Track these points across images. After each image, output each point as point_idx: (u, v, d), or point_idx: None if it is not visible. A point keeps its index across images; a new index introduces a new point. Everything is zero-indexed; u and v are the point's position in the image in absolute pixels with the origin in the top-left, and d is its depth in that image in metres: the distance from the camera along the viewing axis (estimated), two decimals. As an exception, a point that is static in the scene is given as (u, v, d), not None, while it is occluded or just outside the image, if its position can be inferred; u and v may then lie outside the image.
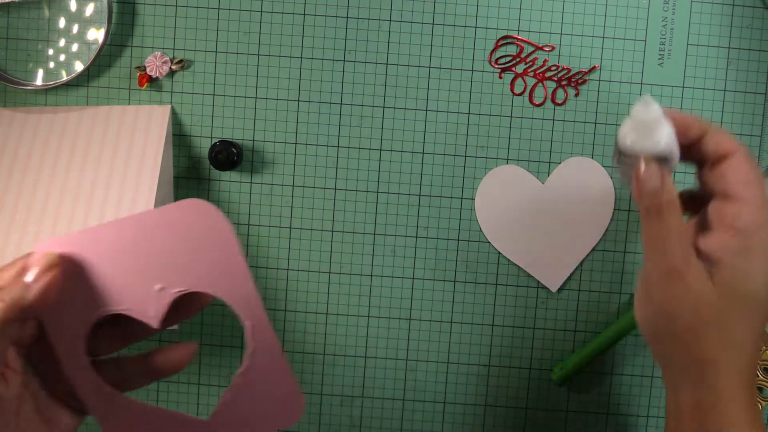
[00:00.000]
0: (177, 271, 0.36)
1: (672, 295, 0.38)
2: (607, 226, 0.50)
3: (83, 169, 0.50)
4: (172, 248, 0.36)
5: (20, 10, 0.52)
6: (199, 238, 0.36)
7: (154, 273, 0.36)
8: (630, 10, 0.52)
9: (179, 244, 0.36)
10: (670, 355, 0.40)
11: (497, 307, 0.54)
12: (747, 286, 0.37)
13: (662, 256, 0.38)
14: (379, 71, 0.53)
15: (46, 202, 0.50)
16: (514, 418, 0.54)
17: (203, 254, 0.36)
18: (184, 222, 0.36)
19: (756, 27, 0.52)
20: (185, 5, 0.52)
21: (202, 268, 0.36)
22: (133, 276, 0.36)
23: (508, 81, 0.53)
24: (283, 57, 0.53)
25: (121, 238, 0.35)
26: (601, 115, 0.53)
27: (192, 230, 0.36)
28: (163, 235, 0.36)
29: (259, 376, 0.38)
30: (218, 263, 0.36)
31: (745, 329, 0.38)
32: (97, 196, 0.50)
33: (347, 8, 0.52)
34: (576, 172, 0.49)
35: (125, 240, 0.35)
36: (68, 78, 0.52)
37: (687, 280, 0.37)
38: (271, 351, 0.37)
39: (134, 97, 0.53)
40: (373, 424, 0.54)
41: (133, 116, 0.52)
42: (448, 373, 0.54)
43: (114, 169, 0.50)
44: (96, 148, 0.51)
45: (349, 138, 0.53)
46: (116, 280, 0.35)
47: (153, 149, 0.50)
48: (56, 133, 0.52)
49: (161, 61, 0.52)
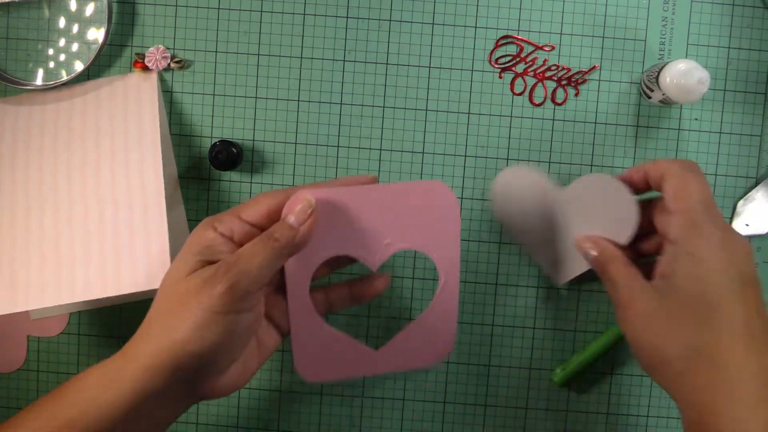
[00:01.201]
0: (404, 232, 0.46)
1: (632, 326, 0.42)
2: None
3: (85, 146, 0.50)
4: (406, 214, 0.46)
5: (20, 10, 0.52)
6: (430, 210, 0.46)
7: (385, 230, 0.46)
8: (630, 10, 0.52)
9: (412, 212, 0.46)
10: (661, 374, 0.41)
11: (497, 307, 0.54)
12: (692, 288, 0.40)
13: (616, 301, 0.43)
14: (379, 71, 0.53)
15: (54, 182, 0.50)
16: (514, 418, 0.54)
17: (430, 223, 0.46)
18: (421, 196, 0.46)
19: (756, 27, 0.52)
20: (185, 5, 0.52)
21: (426, 234, 0.47)
22: (370, 230, 0.46)
23: (508, 81, 0.53)
24: (283, 57, 0.53)
25: (367, 199, 0.45)
26: (601, 115, 0.53)
27: (426, 203, 0.46)
28: (401, 203, 0.46)
29: (434, 322, 0.49)
30: (439, 232, 0.47)
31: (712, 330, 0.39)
32: (105, 168, 0.50)
33: (347, 8, 0.52)
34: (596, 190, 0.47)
35: (369, 201, 0.45)
36: (68, 78, 0.52)
37: (637, 306, 0.41)
38: (449, 306, 0.49)
39: (134, 97, 0.53)
40: (373, 424, 0.54)
41: (122, 85, 0.52)
42: (448, 373, 0.54)
43: (115, 139, 0.50)
44: (92, 122, 0.51)
45: (349, 138, 0.53)
46: (354, 231, 0.45)
47: (148, 112, 0.50)
48: (50, 119, 0.51)
49: (161, 55, 0.52)
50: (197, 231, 0.42)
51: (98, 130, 0.50)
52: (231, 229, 0.42)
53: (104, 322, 0.54)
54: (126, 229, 0.49)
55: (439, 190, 0.46)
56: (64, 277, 0.48)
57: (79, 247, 0.49)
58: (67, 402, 0.39)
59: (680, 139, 0.53)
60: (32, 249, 0.49)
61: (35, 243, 0.49)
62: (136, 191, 0.49)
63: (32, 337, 0.54)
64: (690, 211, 0.41)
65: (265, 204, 0.43)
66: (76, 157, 0.50)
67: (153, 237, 0.48)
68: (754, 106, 0.53)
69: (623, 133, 0.53)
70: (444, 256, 0.47)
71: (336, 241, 0.46)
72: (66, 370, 0.54)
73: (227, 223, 0.42)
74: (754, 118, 0.53)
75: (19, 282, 0.48)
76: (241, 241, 0.42)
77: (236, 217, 0.43)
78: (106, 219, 0.49)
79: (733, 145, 0.53)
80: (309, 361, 0.48)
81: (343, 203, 0.45)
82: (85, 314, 0.54)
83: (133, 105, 0.51)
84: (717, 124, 0.53)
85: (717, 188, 0.53)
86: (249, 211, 0.43)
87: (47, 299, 0.48)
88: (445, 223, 0.47)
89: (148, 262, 0.48)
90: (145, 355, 0.39)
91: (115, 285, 0.47)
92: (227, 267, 0.40)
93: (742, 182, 0.53)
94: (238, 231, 0.42)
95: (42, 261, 0.49)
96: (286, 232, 0.42)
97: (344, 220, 0.45)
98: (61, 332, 0.54)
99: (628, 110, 0.53)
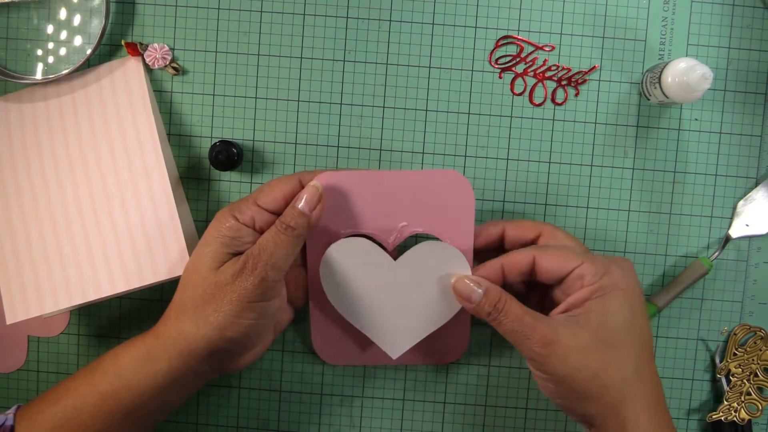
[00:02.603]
0: (420, 217, 0.48)
1: (556, 359, 0.42)
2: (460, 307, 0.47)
3: (80, 139, 0.50)
4: (422, 200, 0.48)
5: (20, 5, 0.52)
6: (447, 198, 0.48)
7: (402, 214, 0.48)
8: (630, 10, 0.52)
9: (429, 199, 0.47)
10: (584, 411, 0.43)
11: (497, 307, 0.54)
12: (608, 321, 0.43)
13: (530, 337, 0.42)
14: (379, 71, 0.53)
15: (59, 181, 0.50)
16: (514, 418, 0.54)
17: (445, 211, 0.48)
18: (438, 184, 0.47)
19: (756, 27, 0.52)
20: (185, 5, 0.52)
21: (441, 222, 0.48)
22: (386, 212, 0.48)
23: (508, 81, 0.53)
24: (283, 57, 0.53)
25: (385, 183, 0.47)
26: (601, 115, 0.53)
27: (443, 192, 0.47)
28: (419, 190, 0.47)
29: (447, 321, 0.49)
30: (455, 222, 0.48)
31: (628, 362, 0.43)
32: (105, 157, 0.50)
33: (347, 8, 0.52)
34: (428, 256, 0.47)
35: (387, 184, 0.47)
36: (67, 72, 0.52)
37: (561, 339, 0.42)
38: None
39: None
40: (373, 424, 0.54)
41: (108, 74, 0.51)
42: (449, 372, 0.54)
43: (109, 126, 0.50)
44: (84, 114, 0.51)
45: (349, 138, 0.53)
46: (372, 212, 0.48)
47: (138, 97, 0.50)
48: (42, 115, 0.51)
49: (162, 54, 0.52)
50: (219, 221, 0.45)
51: (91, 123, 0.51)
52: (252, 217, 0.45)
53: (104, 322, 0.54)
54: (137, 219, 0.49)
55: (456, 180, 0.47)
56: (86, 275, 0.49)
57: (95, 244, 0.49)
58: (104, 378, 0.44)
59: (680, 139, 0.53)
60: (50, 250, 0.49)
61: (52, 245, 0.49)
62: (141, 179, 0.49)
63: (32, 337, 0.54)
64: (597, 258, 0.45)
65: (280, 190, 0.45)
66: (75, 154, 0.50)
67: (165, 225, 0.49)
68: (754, 106, 0.53)
69: (623, 133, 0.53)
70: (458, 247, 0.47)
71: (354, 221, 0.48)
72: (66, 370, 0.54)
73: (247, 212, 0.45)
74: (754, 118, 0.53)
75: (42, 285, 0.49)
76: (261, 228, 0.45)
77: (254, 205, 0.45)
78: (115, 213, 0.49)
79: (733, 145, 0.53)
80: (325, 343, 0.51)
81: (362, 185, 0.47)
82: (85, 314, 0.54)
83: (122, 92, 0.51)
84: (717, 124, 0.53)
85: (717, 188, 0.53)
86: (266, 199, 0.45)
87: (75, 298, 0.49)
88: (460, 214, 0.48)
89: (165, 252, 0.49)
90: (182, 339, 0.44)
91: (138, 277, 0.49)
92: (254, 261, 0.43)
93: (742, 182, 0.53)
94: (258, 219, 0.45)
95: (61, 260, 0.49)
96: (301, 220, 0.44)
97: (362, 201, 0.47)
98: (61, 332, 0.54)
99: (628, 110, 0.53)
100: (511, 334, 0.43)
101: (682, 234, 0.53)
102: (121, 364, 0.44)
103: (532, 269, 0.45)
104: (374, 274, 0.47)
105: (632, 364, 0.43)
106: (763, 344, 0.53)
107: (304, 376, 0.54)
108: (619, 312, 0.43)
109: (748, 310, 0.53)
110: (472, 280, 0.45)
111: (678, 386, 0.54)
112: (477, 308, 0.45)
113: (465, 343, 0.52)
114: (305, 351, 0.54)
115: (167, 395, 0.45)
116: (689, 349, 0.54)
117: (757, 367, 0.53)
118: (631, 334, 0.43)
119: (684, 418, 0.54)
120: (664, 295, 0.52)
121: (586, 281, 0.44)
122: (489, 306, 0.44)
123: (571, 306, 0.44)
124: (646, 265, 0.53)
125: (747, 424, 0.52)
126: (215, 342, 0.44)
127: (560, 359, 0.42)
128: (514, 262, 0.45)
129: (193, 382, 0.46)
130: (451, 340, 0.51)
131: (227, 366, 0.47)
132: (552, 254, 0.45)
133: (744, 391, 0.52)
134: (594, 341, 0.42)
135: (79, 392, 0.44)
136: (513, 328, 0.43)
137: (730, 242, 0.53)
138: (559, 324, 0.43)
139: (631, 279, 0.45)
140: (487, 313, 0.44)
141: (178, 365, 0.44)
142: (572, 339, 0.42)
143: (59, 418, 0.43)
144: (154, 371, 0.44)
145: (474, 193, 0.48)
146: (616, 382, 0.42)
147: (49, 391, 0.45)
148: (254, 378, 0.54)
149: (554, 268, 0.44)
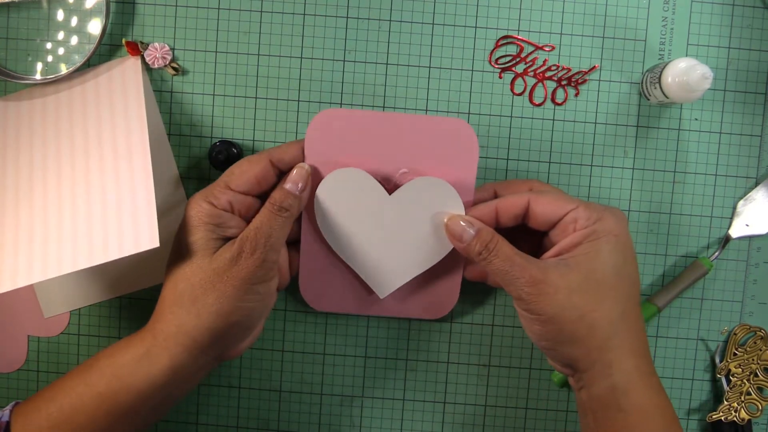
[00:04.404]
0: (421, 164, 0.47)
1: (545, 297, 0.42)
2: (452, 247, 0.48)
3: (72, 134, 0.50)
4: (426, 147, 0.47)
5: (20, 5, 0.52)
6: (451, 148, 0.47)
7: (403, 160, 0.47)
8: (630, 10, 0.52)
9: (432, 147, 0.47)
10: (569, 354, 0.43)
11: (497, 307, 0.54)
12: (598, 265, 0.43)
13: (520, 277, 0.43)
14: (379, 71, 0.53)
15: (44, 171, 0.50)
16: (514, 418, 0.54)
17: (448, 162, 0.47)
18: (444, 132, 0.47)
19: (756, 27, 0.52)
20: (185, 5, 0.52)
21: (442, 168, 0.47)
22: (387, 156, 0.47)
23: (508, 81, 0.53)
24: (283, 57, 0.53)
25: (387, 125, 0.47)
26: (601, 115, 0.53)
27: (448, 141, 0.47)
28: (422, 136, 0.47)
29: (439, 271, 0.49)
30: (456, 168, 0.47)
31: (615, 306, 0.43)
32: (93, 152, 0.49)
33: (347, 8, 0.52)
34: (423, 191, 0.47)
35: (389, 127, 0.47)
36: (67, 72, 0.52)
37: (550, 278, 0.42)
38: (456, 255, 0.48)
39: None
40: (373, 424, 0.54)
41: (105, 72, 0.51)
42: (448, 373, 0.54)
43: (102, 122, 0.50)
44: (79, 108, 0.51)
45: (349, 138, 0.53)
46: (371, 154, 0.47)
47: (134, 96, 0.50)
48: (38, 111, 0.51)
49: (162, 54, 0.52)
50: (195, 207, 0.44)
51: (84, 115, 0.50)
52: (228, 201, 0.45)
53: (104, 322, 0.54)
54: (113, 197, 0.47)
55: (463, 129, 0.47)
56: (51, 253, 0.47)
57: (67, 222, 0.48)
58: (101, 380, 0.43)
59: (680, 139, 0.53)
60: (21, 230, 0.48)
61: (24, 224, 0.48)
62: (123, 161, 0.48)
63: (32, 337, 0.54)
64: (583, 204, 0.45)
65: (252, 172, 0.45)
66: (64, 145, 0.50)
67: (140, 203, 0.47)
68: (754, 106, 0.53)
69: (623, 133, 0.53)
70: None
71: (353, 162, 0.47)
72: (66, 370, 0.54)
73: (222, 197, 0.45)
74: (754, 118, 0.53)
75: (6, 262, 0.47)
76: (239, 211, 0.45)
77: (228, 189, 0.45)
78: (93, 193, 0.48)
79: (733, 145, 0.53)
80: (313, 288, 0.51)
81: (364, 126, 0.47)
82: (85, 314, 0.54)
83: (118, 85, 0.51)
84: (717, 124, 0.53)
85: (717, 188, 0.53)
86: (238, 182, 0.45)
87: (35, 275, 0.46)
88: (462, 165, 0.47)
89: (134, 225, 0.46)
90: (182, 333, 0.43)
91: (102, 253, 0.46)
92: (253, 244, 0.43)
93: (742, 182, 0.53)
94: (236, 202, 0.45)
95: (30, 239, 0.48)
96: (293, 202, 0.45)
97: (363, 143, 0.47)
98: (61, 332, 0.54)
99: (628, 110, 0.53)
100: (501, 274, 0.43)
101: (682, 234, 0.53)
102: (119, 364, 0.43)
103: (525, 213, 0.46)
104: (368, 206, 0.47)
105: (619, 308, 0.43)
106: (763, 344, 0.53)
107: (304, 376, 0.54)
108: (611, 257, 0.43)
109: (748, 310, 0.54)
110: (465, 220, 0.45)
111: (678, 386, 0.54)
112: (468, 248, 0.45)
113: (455, 297, 0.51)
114: (305, 351, 0.54)
115: (168, 391, 0.44)
116: (689, 349, 0.54)
117: (757, 367, 0.53)
118: (620, 279, 0.44)
119: (684, 418, 0.54)
120: (664, 295, 0.52)
121: (579, 224, 0.44)
122: (480, 246, 0.44)
123: (563, 250, 0.44)
124: (646, 264, 0.53)
125: (747, 424, 0.52)
126: (219, 329, 0.44)
127: (548, 298, 0.42)
128: (508, 205, 0.46)
129: (195, 375, 0.46)
130: (442, 290, 0.50)
131: (228, 353, 0.47)
132: (547, 198, 0.45)
133: (744, 391, 0.52)
134: (583, 282, 0.43)
135: (75, 392, 0.43)
136: (503, 268, 0.43)
137: (730, 242, 0.53)
138: (550, 265, 0.43)
139: (624, 227, 0.45)
140: (477, 252, 0.44)
141: (181, 360, 0.43)
142: (561, 279, 0.42)
143: (56, 417, 0.43)
144: (154, 370, 0.43)
145: (479, 143, 0.47)
146: (602, 323, 0.43)
147: (45, 390, 0.45)
148: (254, 378, 0.54)
149: (549, 210, 0.45)
